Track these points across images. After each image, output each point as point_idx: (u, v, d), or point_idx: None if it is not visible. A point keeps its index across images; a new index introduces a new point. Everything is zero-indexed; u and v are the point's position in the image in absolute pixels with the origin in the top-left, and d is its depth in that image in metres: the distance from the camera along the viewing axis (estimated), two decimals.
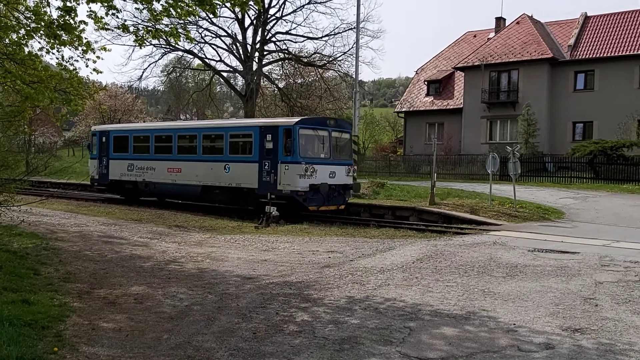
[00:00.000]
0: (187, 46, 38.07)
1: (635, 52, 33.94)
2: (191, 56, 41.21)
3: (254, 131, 19.24)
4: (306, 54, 39.73)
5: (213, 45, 40.13)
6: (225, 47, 39.82)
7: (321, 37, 37.90)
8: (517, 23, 40.16)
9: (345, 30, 37.05)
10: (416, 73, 47.78)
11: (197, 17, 25.90)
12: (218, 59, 47.48)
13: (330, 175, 18.64)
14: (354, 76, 30.41)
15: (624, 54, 34.34)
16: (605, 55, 35.03)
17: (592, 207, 19.63)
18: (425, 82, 44.41)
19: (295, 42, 44.87)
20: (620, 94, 33.66)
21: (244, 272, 9.68)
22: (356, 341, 5.92)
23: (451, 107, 41.71)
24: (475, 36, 46.62)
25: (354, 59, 28.45)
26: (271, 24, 39.07)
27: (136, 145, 24.01)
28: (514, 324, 6.55)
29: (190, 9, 8.77)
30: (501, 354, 5.56)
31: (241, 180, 19.36)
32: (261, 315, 6.88)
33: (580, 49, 36.53)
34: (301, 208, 18.44)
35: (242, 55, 39.21)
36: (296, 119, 18.78)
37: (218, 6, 9.16)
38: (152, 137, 23.43)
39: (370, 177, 30.54)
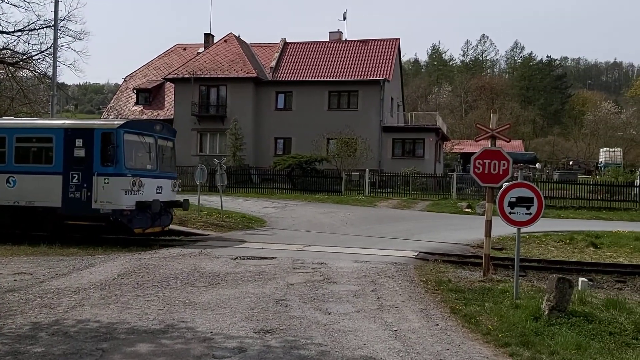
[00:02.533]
0: None
1: (325, 79, 38.68)
2: None
3: (55, 134, 15.18)
4: None
5: None
6: None
7: (13, 32, 33.61)
8: (225, 41, 42.02)
9: (43, 27, 33.53)
10: (125, 80, 46.09)
11: None
12: None
13: (157, 191, 15.72)
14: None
15: (316, 79, 38.83)
16: (301, 79, 39.08)
17: (290, 215, 21.55)
18: (135, 91, 43.15)
19: None
20: (314, 114, 37.91)
21: None
22: None
23: (162, 117, 41.25)
24: (185, 49, 47.20)
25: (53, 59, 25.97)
26: None
27: None
28: (211, 332, 6.69)
29: None
30: None
31: (35, 197, 15.12)
32: None
33: (280, 71, 40.03)
34: (124, 231, 15.36)
35: None
36: (118, 122, 15.38)
37: None
38: None
39: None
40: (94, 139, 14.89)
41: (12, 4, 30.16)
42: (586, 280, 10.19)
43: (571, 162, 66.64)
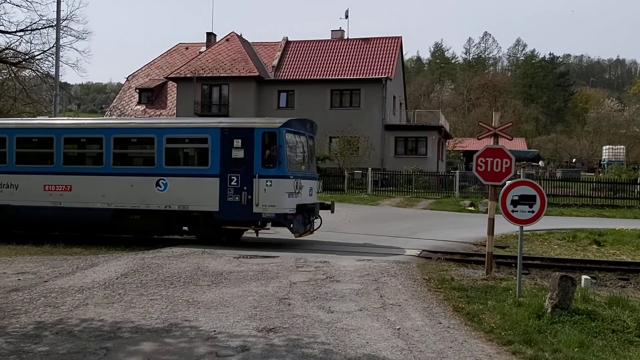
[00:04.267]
0: None
1: (327, 77, 38.66)
2: None
3: (211, 134, 14.25)
4: None
5: None
6: None
7: (15, 32, 33.70)
8: (227, 40, 42.04)
9: (45, 27, 33.62)
10: (127, 80, 46.17)
11: None
12: None
13: (309, 193, 14.97)
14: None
15: (318, 77, 38.82)
16: (303, 77, 39.06)
17: None
18: (137, 90, 43.22)
19: None
20: (316, 113, 37.77)
21: None
22: None
23: (164, 116, 41.36)
24: (187, 48, 47.24)
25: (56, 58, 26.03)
26: None
27: None
28: (214, 331, 6.71)
29: None
30: None
31: (189, 201, 14.21)
32: None
33: (282, 70, 40.03)
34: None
35: None
36: (281, 120, 14.43)
37: None
38: (12, 139, 15.62)
39: None
40: (254, 138, 13.96)
41: (14, 4, 30.20)
42: (589, 278, 10.18)
43: (574, 160, 66.55)
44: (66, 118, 22.40)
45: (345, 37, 43.05)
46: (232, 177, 13.94)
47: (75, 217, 14.93)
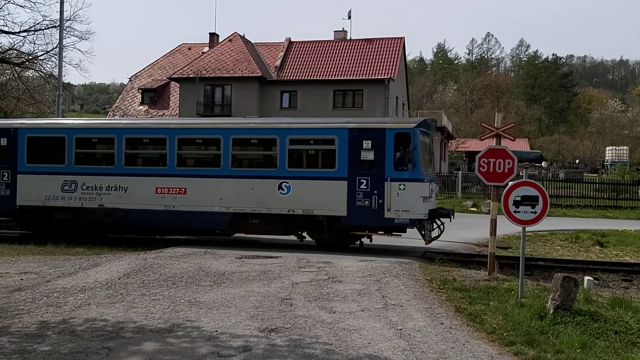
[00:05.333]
0: None
1: (330, 78, 38.67)
2: None
3: (338, 135, 13.54)
4: (0, 50, 34.92)
5: None
6: None
7: (19, 32, 33.77)
8: (230, 41, 42.05)
9: (48, 28, 33.68)
10: (130, 80, 46.23)
11: None
12: None
13: (435, 197, 14.41)
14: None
15: (321, 78, 38.82)
16: (306, 78, 39.05)
17: None
18: (140, 90, 43.30)
19: None
20: (319, 113, 37.75)
21: None
22: None
23: (167, 116, 41.41)
24: (190, 49, 47.27)
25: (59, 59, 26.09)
26: None
27: (82, 152, 15.34)
28: (216, 331, 6.72)
29: None
30: None
31: (313, 205, 13.55)
32: None
33: (285, 70, 40.03)
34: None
35: None
36: (413, 120, 13.87)
37: None
38: (120, 139, 14.89)
39: None
40: (386, 139, 13.27)
41: (17, 5, 30.27)
42: (592, 279, 10.17)
43: (577, 161, 66.39)
44: (181, 118, 22.08)
45: (348, 38, 43.03)
46: (362, 180, 13.28)
47: (190, 221, 14.38)
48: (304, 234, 14.34)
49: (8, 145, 15.51)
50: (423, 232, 13.15)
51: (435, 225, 13.74)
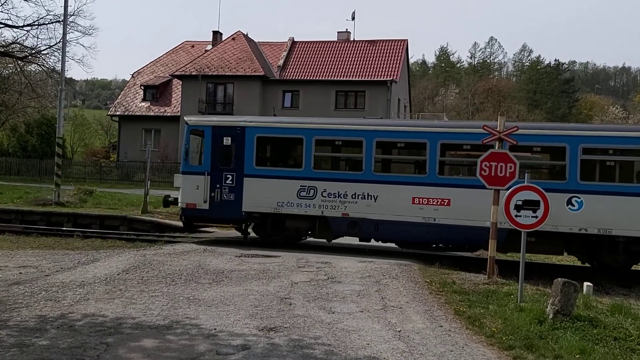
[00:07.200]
0: None
1: (332, 79, 38.66)
2: None
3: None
4: (3, 43, 34.91)
5: None
6: None
7: (23, 26, 33.75)
8: (233, 39, 42.05)
9: (52, 22, 33.63)
10: (132, 76, 46.22)
11: None
12: None
13: None
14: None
15: (323, 78, 38.81)
16: (308, 78, 39.05)
17: None
18: (142, 87, 43.29)
19: None
20: (321, 113, 37.70)
21: None
22: None
23: (169, 114, 41.44)
24: (193, 46, 47.27)
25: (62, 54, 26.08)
26: None
27: (323, 156, 14.08)
28: (215, 329, 6.70)
29: None
30: None
31: (610, 224, 11.94)
32: None
33: (288, 70, 40.03)
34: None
35: None
36: None
37: None
38: (370, 143, 13.30)
39: (78, 183, 28.35)
40: None
41: None
42: (592, 285, 10.14)
43: None
44: (442, 121, 19.76)
45: (352, 39, 43.03)
46: None
47: (454, 236, 12.81)
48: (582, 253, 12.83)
49: (233, 146, 14.07)
50: None
51: None
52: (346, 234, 13.58)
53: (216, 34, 45.77)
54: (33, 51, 30.89)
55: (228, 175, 14.01)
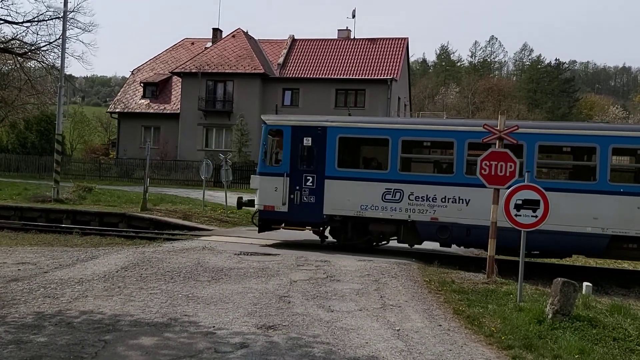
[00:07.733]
0: None
1: (332, 77, 38.61)
2: None
3: None
4: (3, 39, 34.86)
5: None
6: None
7: (22, 22, 33.70)
8: (233, 36, 41.99)
9: (52, 19, 33.57)
10: (132, 73, 46.16)
11: None
12: None
13: None
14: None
15: (323, 76, 38.76)
16: (308, 76, 39.00)
17: None
18: (142, 84, 43.23)
19: None
20: (320, 112, 37.68)
21: None
22: None
23: (168, 111, 41.39)
24: (193, 43, 47.20)
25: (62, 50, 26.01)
26: None
27: (410, 157, 13.60)
28: (214, 327, 6.69)
29: None
30: (198, 358, 5.61)
31: None
32: None
33: (288, 67, 39.97)
34: None
35: None
36: None
37: None
38: (461, 145, 12.67)
39: (77, 180, 28.33)
40: None
41: None
42: (591, 285, 10.13)
43: None
44: (541, 122, 18.58)
45: (352, 37, 42.96)
46: None
47: (551, 242, 12.09)
48: None
49: (313, 146, 13.58)
50: None
51: None
52: (435, 239, 13.08)
53: (216, 32, 45.70)
54: (33, 47, 30.86)
55: (308, 177, 13.57)
